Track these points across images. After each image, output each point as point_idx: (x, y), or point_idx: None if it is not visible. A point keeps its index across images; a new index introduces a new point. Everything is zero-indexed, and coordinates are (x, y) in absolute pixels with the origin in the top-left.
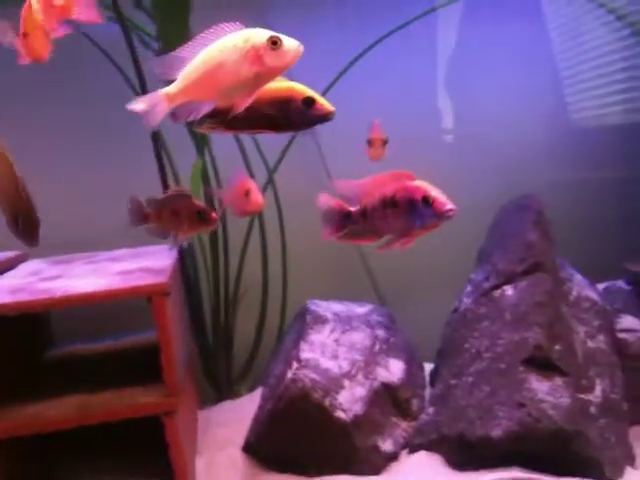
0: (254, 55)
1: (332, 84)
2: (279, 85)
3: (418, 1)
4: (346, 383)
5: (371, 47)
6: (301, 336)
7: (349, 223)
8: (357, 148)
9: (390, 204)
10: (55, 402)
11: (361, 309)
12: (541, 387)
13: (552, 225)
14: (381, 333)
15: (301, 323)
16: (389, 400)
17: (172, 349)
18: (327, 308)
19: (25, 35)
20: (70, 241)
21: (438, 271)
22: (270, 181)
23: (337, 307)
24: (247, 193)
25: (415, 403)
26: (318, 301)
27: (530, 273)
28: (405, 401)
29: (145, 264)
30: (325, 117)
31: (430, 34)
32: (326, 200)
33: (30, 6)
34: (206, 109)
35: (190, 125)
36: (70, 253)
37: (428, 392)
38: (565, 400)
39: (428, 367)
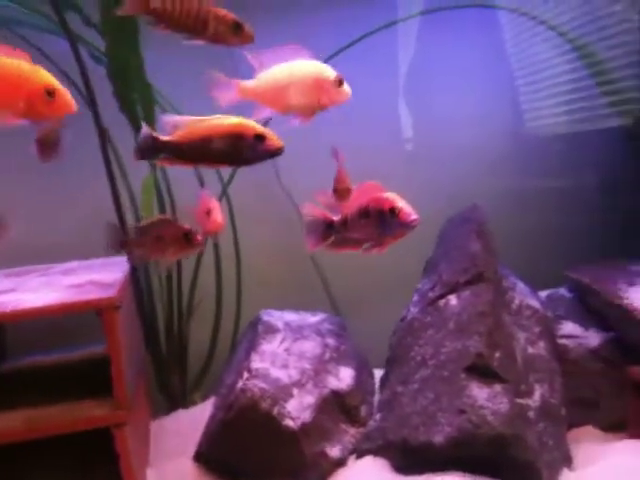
0: (321, 86)
1: None
2: (231, 121)
3: (378, 14)
4: (295, 392)
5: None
6: (252, 346)
7: (333, 232)
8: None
9: (364, 214)
10: (4, 415)
11: (313, 318)
12: (481, 394)
13: (497, 235)
14: (332, 341)
15: (253, 333)
16: (338, 407)
17: (122, 362)
18: (279, 318)
19: None
20: (25, 253)
21: (390, 280)
22: (224, 193)
23: (289, 316)
24: (208, 212)
25: (364, 409)
26: (271, 311)
27: (473, 283)
28: (354, 408)
29: (96, 277)
30: (275, 152)
31: (389, 47)
32: (310, 210)
33: None
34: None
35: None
36: (26, 265)
37: (377, 398)
38: (504, 406)
39: (380, 374)
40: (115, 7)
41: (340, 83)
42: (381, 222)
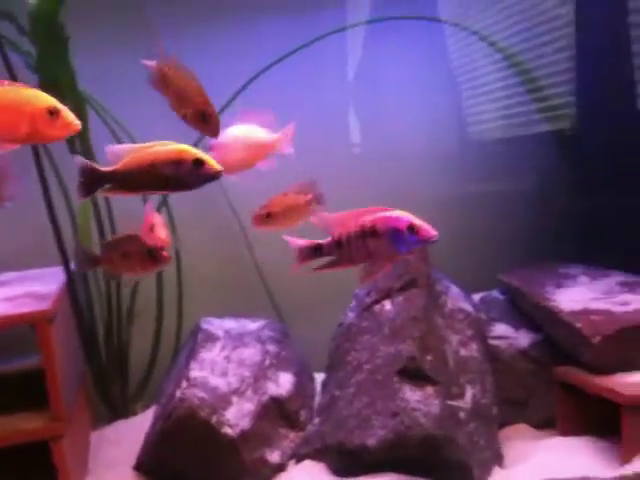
0: None
1: (231, 100)
2: (171, 148)
3: (327, 20)
4: (234, 399)
5: (270, 66)
6: (192, 355)
7: (321, 254)
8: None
9: (370, 234)
10: None
11: (254, 325)
12: (413, 396)
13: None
14: (272, 348)
15: (193, 341)
16: (278, 413)
17: (58, 375)
18: (220, 326)
19: None
20: None
21: (333, 285)
22: (164, 202)
23: (230, 324)
24: (152, 228)
25: (303, 414)
26: (212, 318)
27: (406, 289)
28: (293, 413)
29: (31, 289)
30: (214, 176)
31: (338, 52)
32: (294, 242)
33: None
34: None
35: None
36: None
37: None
38: (435, 408)
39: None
40: (46, 17)
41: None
42: (395, 240)
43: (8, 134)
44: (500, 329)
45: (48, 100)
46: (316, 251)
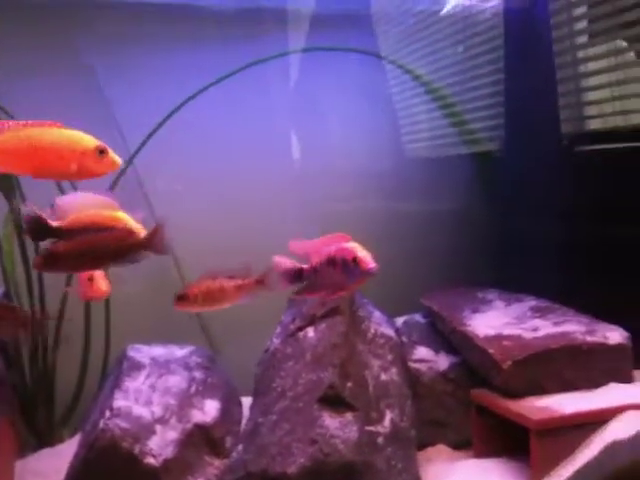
0: None
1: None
2: (108, 214)
3: (270, 45)
4: (158, 428)
5: (207, 87)
6: (117, 383)
7: (302, 279)
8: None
9: (332, 263)
10: None
11: (181, 352)
12: (333, 423)
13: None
14: (199, 374)
15: (119, 369)
16: (203, 440)
17: None
18: (147, 353)
19: None
20: None
21: (264, 310)
22: None
23: (157, 351)
24: (91, 279)
25: (229, 441)
26: (139, 346)
27: (329, 316)
28: (219, 440)
29: None
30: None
31: (283, 74)
32: (280, 261)
33: None
34: None
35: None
36: None
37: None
38: (354, 434)
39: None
40: None
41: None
42: (345, 270)
43: (61, 170)
44: (421, 352)
45: (95, 141)
46: (298, 276)
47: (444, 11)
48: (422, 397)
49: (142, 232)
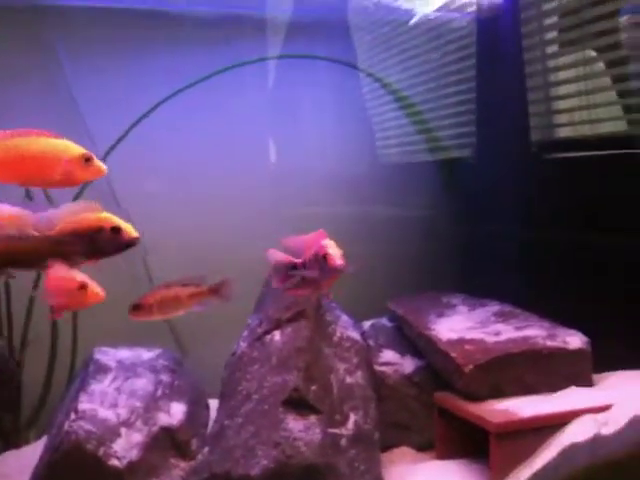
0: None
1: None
2: (89, 217)
3: (247, 51)
4: (123, 431)
5: (177, 92)
6: (82, 386)
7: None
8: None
9: (315, 259)
10: None
11: (148, 354)
12: (296, 426)
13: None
14: (165, 377)
15: (85, 372)
16: (169, 443)
17: None
18: (113, 356)
19: None
20: None
21: (234, 312)
22: None
23: (124, 354)
24: (83, 286)
25: (195, 443)
26: (106, 348)
27: (294, 320)
28: (185, 442)
29: None
30: (132, 242)
31: (260, 79)
32: (274, 254)
33: None
34: None
35: None
36: None
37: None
38: (317, 436)
39: None
40: None
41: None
42: (320, 268)
43: (48, 178)
44: (387, 355)
45: (81, 149)
46: (291, 269)
47: (415, 20)
48: (387, 400)
49: (132, 231)
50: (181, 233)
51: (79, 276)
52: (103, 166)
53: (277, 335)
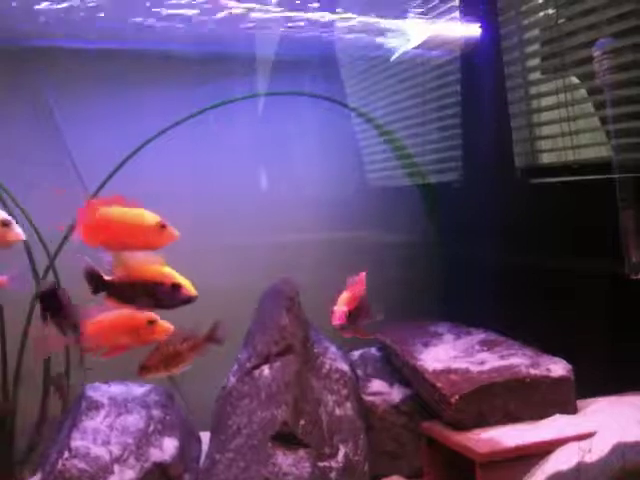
0: None
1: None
2: (153, 269)
3: (236, 88)
4: (116, 468)
5: (163, 131)
6: (75, 423)
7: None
8: None
9: None
10: None
11: (140, 390)
12: (286, 460)
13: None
14: (157, 413)
15: (77, 409)
16: (161, 478)
17: None
18: (105, 392)
19: None
20: None
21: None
22: (51, 265)
23: (116, 389)
24: (152, 322)
25: (187, 477)
26: (98, 384)
27: (283, 354)
28: (177, 477)
29: None
30: (190, 299)
31: (249, 114)
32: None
33: None
34: None
35: None
36: None
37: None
38: (306, 470)
39: None
40: None
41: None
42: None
43: (130, 243)
44: (376, 385)
45: (156, 217)
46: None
47: (399, 53)
48: (376, 429)
49: (191, 289)
50: (172, 262)
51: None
52: (176, 232)
53: (266, 370)
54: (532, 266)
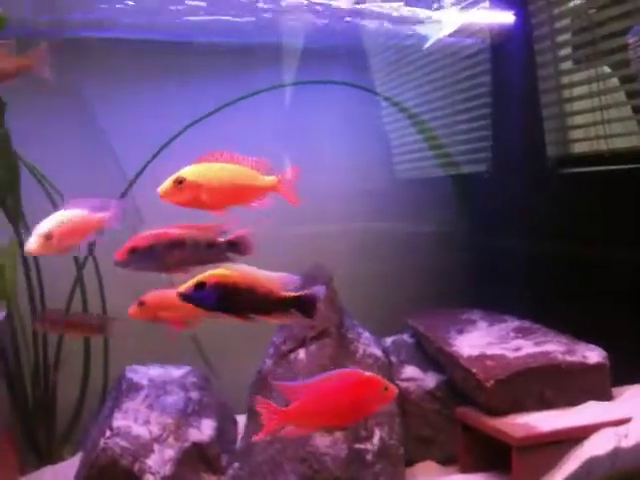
0: None
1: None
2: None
3: (265, 77)
4: (156, 447)
5: (201, 119)
6: (116, 404)
7: None
8: None
9: None
10: None
11: (177, 372)
12: (323, 442)
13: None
14: (195, 394)
15: (118, 390)
16: (199, 458)
17: None
18: (144, 374)
19: None
20: None
21: (255, 331)
22: (90, 254)
23: (154, 372)
24: None
25: (224, 459)
26: (137, 366)
27: (318, 338)
28: (215, 458)
29: None
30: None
31: (278, 103)
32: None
33: None
34: None
35: None
36: None
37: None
38: (343, 451)
39: None
40: None
41: None
42: None
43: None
44: (409, 371)
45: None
46: None
47: (432, 42)
48: (410, 415)
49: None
50: None
51: None
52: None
53: (302, 353)
54: (564, 254)
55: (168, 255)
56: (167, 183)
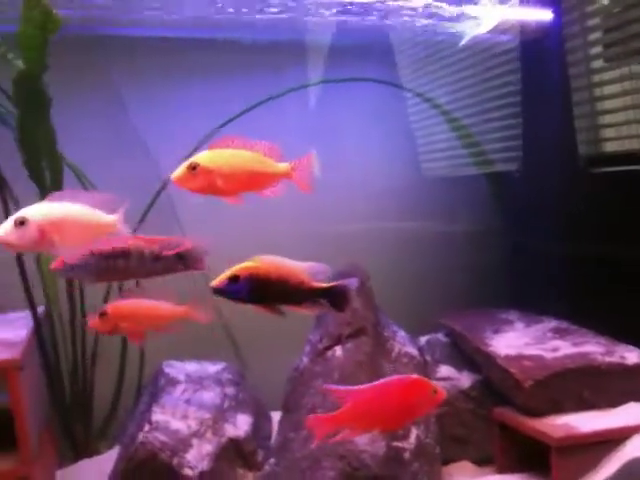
0: None
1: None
2: None
3: (293, 75)
4: (194, 441)
5: (232, 119)
6: (154, 398)
7: None
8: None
9: None
10: None
11: (213, 368)
12: (361, 439)
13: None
14: (230, 390)
15: (155, 385)
16: (236, 453)
17: (26, 418)
18: (181, 369)
19: None
20: None
21: (291, 324)
22: None
23: (191, 367)
24: None
25: (260, 454)
26: (173, 362)
27: (355, 336)
28: (250, 453)
29: (1, 335)
30: None
31: (306, 100)
32: None
33: None
34: None
35: None
36: None
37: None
38: (381, 449)
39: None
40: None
41: None
42: None
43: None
44: (444, 370)
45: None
46: None
47: (462, 40)
48: (445, 414)
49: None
50: (234, 247)
51: None
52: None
53: (338, 351)
54: (596, 254)
55: (111, 265)
56: (181, 169)
